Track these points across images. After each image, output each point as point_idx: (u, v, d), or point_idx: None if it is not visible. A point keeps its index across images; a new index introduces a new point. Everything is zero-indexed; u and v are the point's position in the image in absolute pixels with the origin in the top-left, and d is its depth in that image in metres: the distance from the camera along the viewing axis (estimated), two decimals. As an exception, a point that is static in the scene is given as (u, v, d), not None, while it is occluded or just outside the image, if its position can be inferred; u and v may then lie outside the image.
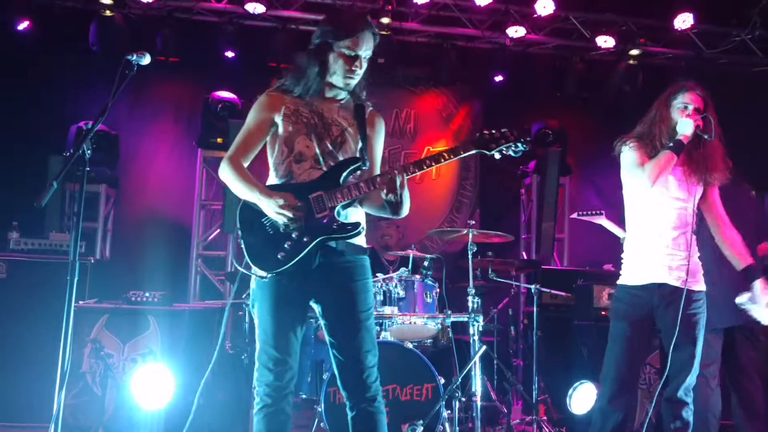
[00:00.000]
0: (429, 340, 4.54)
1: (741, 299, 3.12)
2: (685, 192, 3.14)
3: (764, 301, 3.04)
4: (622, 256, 3.29)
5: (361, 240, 2.66)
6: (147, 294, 4.57)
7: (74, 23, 6.23)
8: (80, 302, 4.53)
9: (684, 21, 6.53)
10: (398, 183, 2.47)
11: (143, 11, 6.32)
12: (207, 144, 6.37)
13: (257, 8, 6.25)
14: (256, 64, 6.56)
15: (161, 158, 6.84)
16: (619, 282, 3.27)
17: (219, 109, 6.22)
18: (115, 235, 6.46)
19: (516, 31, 6.61)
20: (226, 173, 2.63)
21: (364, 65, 2.65)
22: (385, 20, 6.36)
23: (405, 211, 2.60)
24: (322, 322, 2.65)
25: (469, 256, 4.37)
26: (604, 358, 3.21)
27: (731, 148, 3.85)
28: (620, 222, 3.88)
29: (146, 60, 2.75)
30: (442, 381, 3.98)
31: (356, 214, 2.68)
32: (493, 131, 2.60)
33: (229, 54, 6.47)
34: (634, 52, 6.77)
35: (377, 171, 2.74)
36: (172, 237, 6.46)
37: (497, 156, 2.60)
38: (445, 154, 2.59)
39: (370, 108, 2.78)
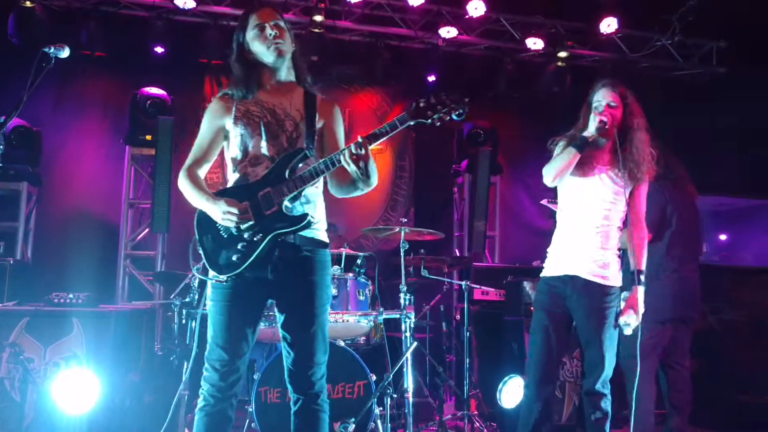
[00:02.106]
0: (362, 338, 4.55)
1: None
2: (611, 189, 3.19)
3: (635, 308, 3.12)
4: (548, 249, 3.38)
5: (319, 234, 2.66)
6: (71, 295, 4.40)
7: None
8: (-2, 305, 4.34)
9: (609, 25, 6.77)
10: (361, 154, 2.45)
11: (67, 3, 6.11)
12: (135, 141, 6.19)
13: (187, 3, 6.14)
14: (187, 60, 6.44)
15: (87, 156, 6.62)
16: (541, 274, 3.35)
17: (148, 106, 6.06)
18: (38, 235, 6.21)
19: (448, 32, 6.72)
20: (180, 184, 2.66)
21: (284, 34, 2.67)
22: (318, 18, 6.35)
23: (374, 181, 2.57)
24: (277, 315, 2.64)
25: (402, 254, 4.40)
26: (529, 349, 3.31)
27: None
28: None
29: (65, 53, 2.67)
30: (374, 378, 4.00)
31: (308, 207, 2.64)
32: (431, 99, 2.51)
33: (159, 49, 6.33)
34: (562, 54, 6.97)
35: None
36: (98, 237, 6.26)
37: (438, 123, 2.52)
38: (382, 130, 2.51)
39: (321, 96, 2.78)
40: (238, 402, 4.18)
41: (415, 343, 4.23)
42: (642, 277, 3.14)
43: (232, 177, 2.68)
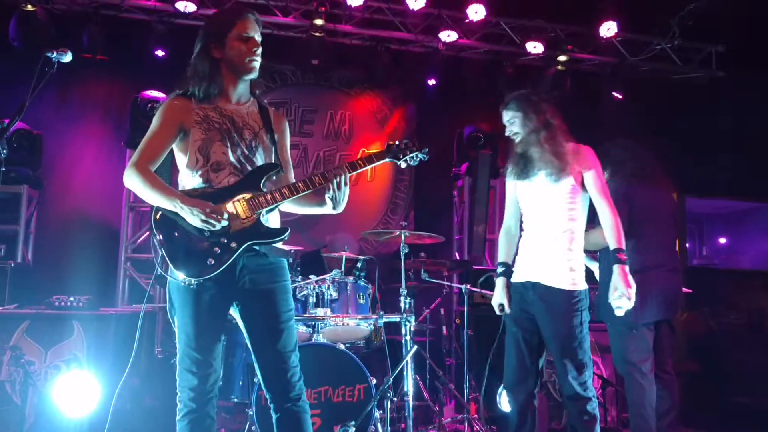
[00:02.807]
0: (362, 341, 4.57)
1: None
2: (549, 190, 3.20)
3: (621, 287, 3.10)
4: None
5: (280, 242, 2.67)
6: (71, 298, 4.42)
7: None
8: (-1, 308, 4.36)
9: (608, 29, 6.79)
10: (342, 181, 2.57)
11: (68, 6, 6.13)
12: (135, 144, 5.98)
13: (188, 7, 6.16)
14: (187, 64, 6.43)
15: (88, 159, 6.63)
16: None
17: (148, 109, 6.05)
18: (38, 238, 6.21)
19: (448, 36, 6.73)
20: (133, 180, 2.54)
21: (260, 49, 2.67)
22: (319, 21, 6.36)
23: (343, 207, 2.65)
24: (242, 325, 2.62)
25: (402, 257, 4.42)
26: None
27: (657, 153, 4.02)
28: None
29: (67, 57, 2.69)
30: (374, 381, 4.01)
31: (276, 218, 2.69)
32: (398, 142, 2.83)
33: (159, 53, 6.35)
34: (562, 58, 6.98)
35: (291, 171, 2.79)
36: (99, 240, 6.26)
37: (403, 165, 2.85)
38: (360, 162, 2.71)
39: (274, 109, 2.81)
40: (238, 405, 4.21)
41: (416, 347, 4.23)
42: (622, 256, 3.12)
43: (189, 182, 2.61)
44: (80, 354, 4.29)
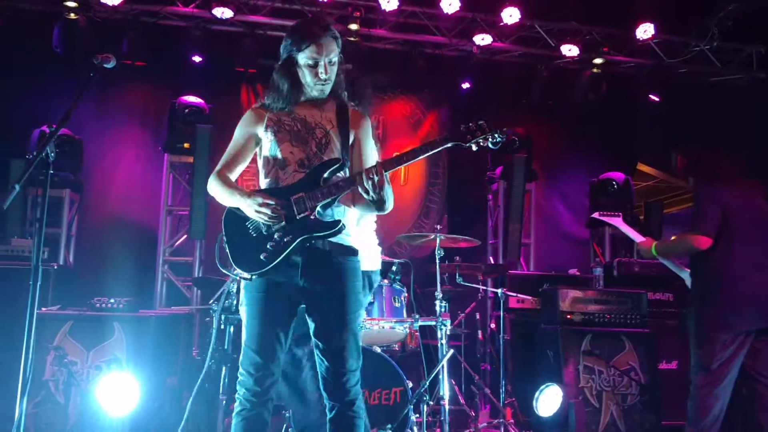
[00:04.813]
0: (397, 345, 4.56)
1: None
2: None
3: None
4: None
5: (350, 241, 2.69)
6: (112, 300, 4.49)
7: (38, 25, 6.14)
8: (43, 309, 4.44)
9: (645, 31, 6.70)
10: (375, 181, 2.48)
11: (109, 14, 6.25)
12: (173, 149, 6.31)
13: (225, 13, 6.24)
14: (224, 69, 6.54)
15: (127, 163, 6.76)
16: None
17: (186, 114, 6.17)
18: (79, 241, 6.34)
19: (483, 39, 6.71)
20: (212, 186, 2.70)
21: (332, 69, 2.69)
22: (354, 27, 6.40)
23: (389, 206, 2.63)
24: (309, 322, 2.65)
25: (437, 261, 4.41)
26: None
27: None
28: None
29: (112, 63, 2.74)
30: (411, 385, 4.00)
31: (342, 215, 2.68)
32: (470, 123, 2.60)
33: (197, 58, 6.44)
34: (598, 60, 6.91)
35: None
36: (137, 243, 6.38)
37: (474, 147, 2.60)
38: (424, 147, 2.60)
39: (352, 106, 2.81)
40: (275, 407, 4.23)
41: (452, 351, 4.22)
42: None
43: (263, 183, 2.73)
44: (120, 355, 4.36)
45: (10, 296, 4.42)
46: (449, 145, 2.59)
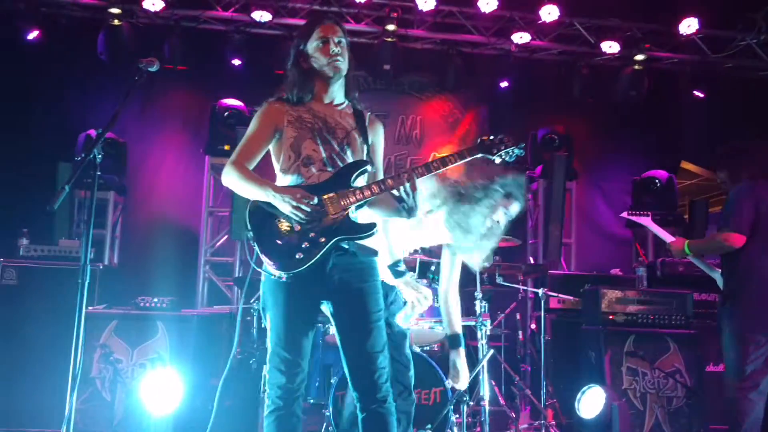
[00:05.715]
0: (436, 345, 4.54)
1: None
2: None
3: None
4: None
5: (371, 241, 2.68)
6: (155, 300, 4.59)
7: (83, 32, 6.31)
8: (89, 308, 4.55)
9: (689, 26, 6.55)
10: (407, 187, 2.53)
11: (151, 20, 6.39)
12: (214, 151, 6.39)
13: (264, 16, 6.31)
14: (263, 72, 6.60)
15: (169, 165, 6.89)
16: None
17: (226, 117, 6.26)
18: (123, 242, 6.49)
19: (521, 38, 6.65)
20: (231, 177, 2.65)
21: (343, 51, 2.71)
22: (391, 27, 6.41)
23: (416, 213, 2.64)
24: (333, 323, 2.66)
25: (476, 261, 4.37)
26: None
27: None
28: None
29: (156, 67, 2.79)
30: (450, 385, 3.98)
31: (366, 216, 2.69)
32: (492, 137, 2.73)
33: (236, 62, 6.52)
34: (639, 57, 6.79)
35: (381, 175, 2.78)
36: (179, 243, 6.49)
37: (497, 160, 2.73)
38: (451, 157, 2.67)
39: (369, 113, 2.84)
40: (315, 406, 4.26)
41: (492, 351, 4.19)
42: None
43: (282, 180, 2.68)
44: (164, 353, 4.44)
45: (58, 296, 4.52)
46: (478, 156, 2.71)
